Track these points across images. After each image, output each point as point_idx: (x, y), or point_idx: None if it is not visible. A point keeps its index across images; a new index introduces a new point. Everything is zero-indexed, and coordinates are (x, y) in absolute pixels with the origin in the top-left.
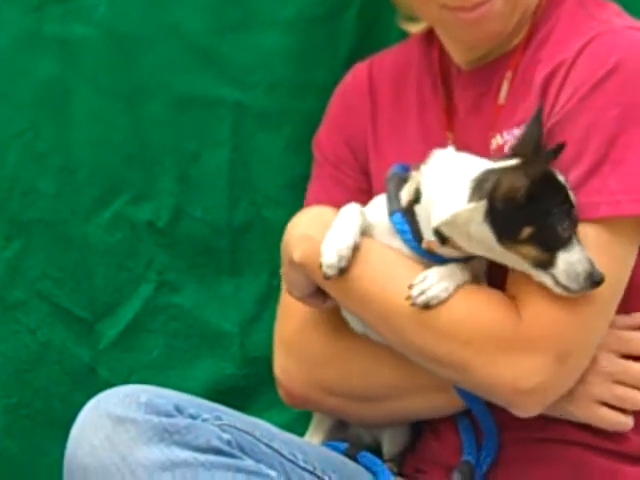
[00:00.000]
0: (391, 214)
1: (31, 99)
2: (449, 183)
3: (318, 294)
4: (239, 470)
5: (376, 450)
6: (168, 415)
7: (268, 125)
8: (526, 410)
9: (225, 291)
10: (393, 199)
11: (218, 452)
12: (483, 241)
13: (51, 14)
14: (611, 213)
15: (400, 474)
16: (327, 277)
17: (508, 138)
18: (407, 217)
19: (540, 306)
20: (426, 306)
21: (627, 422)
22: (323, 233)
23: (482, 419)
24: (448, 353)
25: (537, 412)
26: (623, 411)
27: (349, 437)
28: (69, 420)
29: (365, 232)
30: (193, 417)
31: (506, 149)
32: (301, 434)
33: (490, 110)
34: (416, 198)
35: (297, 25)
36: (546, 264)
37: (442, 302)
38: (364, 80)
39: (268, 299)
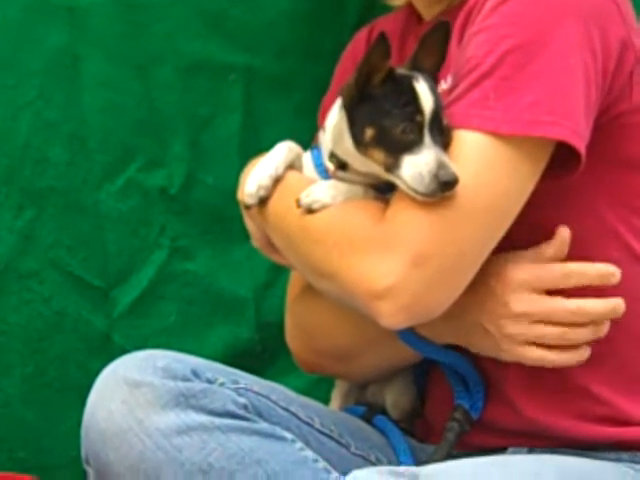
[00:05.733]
0: (312, 150)
1: (41, 68)
2: (334, 108)
3: (274, 246)
4: (254, 433)
5: None
6: (185, 379)
7: (278, 90)
8: (387, 319)
9: (238, 257)
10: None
11: (234, 416)
12: (353, 153)
13: None
14: (481, 127)
15: (413, 436)
16: (247, 206)
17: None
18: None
19: (401, 207)
20: (309, 209)
21: (554, 358)
22: None
23: (451, 361)
24: (320, 259)
25: (402, 324)
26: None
27: (367, 400)
28: (85, 387)
29: (294, 166)
30: (210, 381)
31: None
32: (318, 398)
33: None
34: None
35: None
36: (393, 167)
37: (324, 207)
38: (362, 44)
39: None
